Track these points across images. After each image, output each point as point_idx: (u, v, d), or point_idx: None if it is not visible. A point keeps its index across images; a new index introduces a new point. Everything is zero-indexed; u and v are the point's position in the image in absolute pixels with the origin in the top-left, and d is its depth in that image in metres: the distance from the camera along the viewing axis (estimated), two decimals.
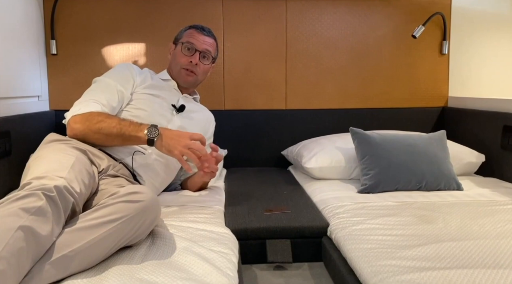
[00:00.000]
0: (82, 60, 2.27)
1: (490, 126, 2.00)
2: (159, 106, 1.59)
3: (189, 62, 1.66)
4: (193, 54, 1.66)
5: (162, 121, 1.56)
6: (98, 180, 1.29)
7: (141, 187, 1.13)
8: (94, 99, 1.47)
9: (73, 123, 1.39)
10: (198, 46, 1.67)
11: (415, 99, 2.43)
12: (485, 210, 1.49)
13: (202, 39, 1.68)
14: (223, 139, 2.28)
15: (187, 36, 1.69)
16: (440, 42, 2.40)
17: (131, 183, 1.38)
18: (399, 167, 1.76)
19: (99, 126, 1.36)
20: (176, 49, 1.71)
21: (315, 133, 2.32)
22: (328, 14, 2.36)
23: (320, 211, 1.57)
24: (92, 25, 2.26)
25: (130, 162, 1.46)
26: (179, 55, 1.68)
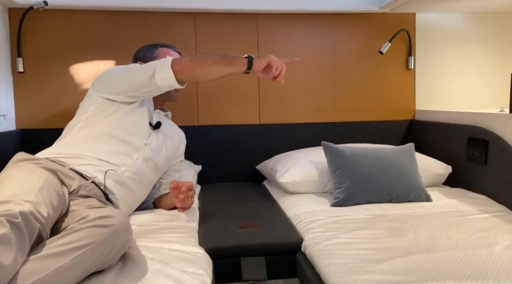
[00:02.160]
0: (50, 78, 2.23)
1: (456, 138, 2.08)
2: (144, 118, 1.58)
3: None
4: None
5: (145, 134, 1.56)
6: (68, 201, 1.26)
7: (111, 210, 1.11)
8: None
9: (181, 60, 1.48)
10: None
11: (383, 112, 2.50)
12: (453, 220, 1.53)
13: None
14: (197, 155, 2.27)
15: (164, 55, 1.68)
16: (406, 58, 2.49)
17: (103, 204, 1.35)
18: (370, 180, 1.80)
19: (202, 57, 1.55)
20: None
21: (289, 146, 2.34)
22: (298, 31, 2.41)
23: (294, 226, 1.58)
24: (60, 42, 2.22)
25: (102, 180, 1.43)
26: None
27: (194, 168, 2.18)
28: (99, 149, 1.47)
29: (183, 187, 1.46)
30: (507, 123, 1.77)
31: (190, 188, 1.49)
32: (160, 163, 1.61)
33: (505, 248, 1.26)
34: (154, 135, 1.59)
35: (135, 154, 1.51)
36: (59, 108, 2.22)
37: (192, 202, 1.56)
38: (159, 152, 1.60)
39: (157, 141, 1.60)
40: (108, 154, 1.47)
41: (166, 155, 1.64)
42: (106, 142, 1.49)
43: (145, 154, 1.53)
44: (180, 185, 1.46)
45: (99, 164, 1.44)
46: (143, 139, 1.55)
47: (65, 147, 1.49)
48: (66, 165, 1.39)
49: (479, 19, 2.51)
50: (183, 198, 1.47)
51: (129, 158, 1.50)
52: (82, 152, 1.45)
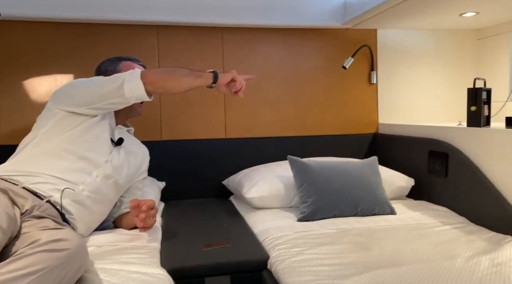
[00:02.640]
0: (8, 92, 2.12)
1: (418, 151, 2.12)
2: (105, 133, 1.51)
3: None
4: None
5: (105, 150, 1.49)
6: (20, 223, 1.18)
7: (66, 232, 1.04)
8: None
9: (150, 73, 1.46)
10: None
11: (348, 126, 2.54)
12: (416, 233, 1.55)
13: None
14: (161, 171, 2.21)
15: (128, 68, 1.60)
16: (369, 73, 2.54)
17: (59, 225, 1.27)
18: (336, 194, 1.80)
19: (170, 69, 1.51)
20: None
21: (256, 161, 2.33)
22: (264, 45, 2.42)
23: (260, 243, 1.55)
24: (20, 55, 2.13)
25: (58, 200, 1.35)
26: None
27: (157, 185, 2.12)
28: (56, 166, 1.40)
29: (143, 206, 1.40)
30: (465, 136, 1.83)
31: (152, 207, 1.43)
32: (121, 181, 1.54)
33: (466, 260, 1.28)
34: (115, 152, 1.53)
35: (95, 171, 1.45)
36: (18, 123, 2.12)
37: (154, 221, 1.50)
38: (120, 170, 1.53)
39: (118, 158, 1.53)
40: (65, 172, 1.40)
41: (128, 172, 1.58)
42: (63, 158, 1.42)
43: (106, 172, 1.47)
44: (141, 204, 1.40)
45: (56, 182, 1.37)
46: (104, 155, 1.49)
47: (18, 164, 1.41)
48: (18, 184, 1.31)
49: (436, 36, 2.61)
50: (144, 218, 1.41)
51: (88, 175, 1.43)
52: (37, 170, 1.37)
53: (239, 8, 2.31)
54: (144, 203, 1.41)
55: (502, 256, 1.30)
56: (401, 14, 2.16)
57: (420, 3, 1.95)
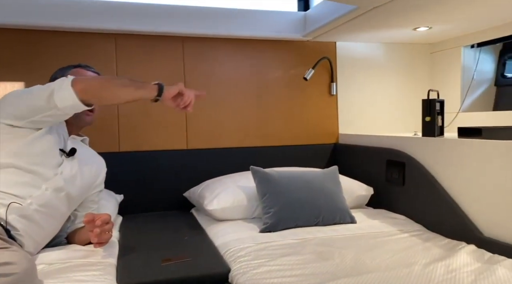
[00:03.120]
0: None
1: (376, 161, 2.18)
2: (52, 146, 1.42)
3: None
4: None
5: (54, 163, 1.41)
6: None
7: (12, 255, 0.97)
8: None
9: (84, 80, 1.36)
10: None
11: (309, 136, 2.57)
12: (376, 242, 1.58)
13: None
14: (119, 184, 2.14)
15: (77, 74, 1.51)
16: (329, 84, 2.59)
17: (5, 243, 1.18)
18: (298, 204, 1.80)
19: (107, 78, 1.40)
20: None
21: (218, 172, 2.30)
22: (225, 55, 2.42)
23: (221, 256, 1.52)
24: None
25: (3, 215, 1.26)
26: None
27: (115, 198, 2.04)
28: (0, 180, 1.31)
29: (98, 220, 1.34)
30: (421, 146, 1.89)
31: (107, 221, 1.37)
32: (74, 194, 1.47)
33: (423, 267, 1.31)
34: (67, 163, 1.45)
35: (44, 184, 1.36)
36: None
37: (110, 236, 1.44)
38: (73, 182, 1.46)
39: (71, 169, 1.46)
40: (10, 185, 1.31)
41: (81, 184, 1.50)
42: (8, 172, 1.33)
43: (56, 184, 1.39)
44: (95, 218, 1.34)
45: (0, 197, 1.28)
46: (52, 169, 1.40)
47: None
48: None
49: (392, 49, 2.71)
50: (98, 232, 1.34)
51: (36, 189, 1.35)
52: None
53: (200, 18, 2.30)
54: (98, 218, 1.34)
55: (456, 262, 1.34)
56: (358, 28, 2.22)
57: (375, 18, 2.01)
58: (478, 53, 2.49)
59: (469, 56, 2.52)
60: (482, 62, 2.50)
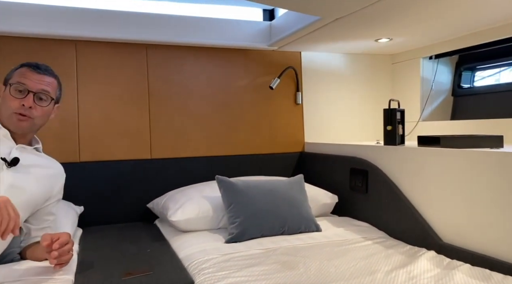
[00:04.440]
0: None
1: (340, 169, 2.21)
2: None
3: (21, 105, 1.39)
4: (26, 96, 1.40)
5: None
6: None
7: None
8: None
9: None
10: (31, 87, 1.41)
11: (275, 145, 2.57)
12: (340, 250, 1.59)
13: (36, 78, 1.43)
14: (78, 195, 2.07)
15: (18, 76, 1.42)
16: (295, 93, 2.62)
17: None
18: (263, 213, 1.80)
19: None
20: (6, 92, 1.42)
21: (183, 182, 2.27)
22: (190, 63, 2.39)
23: (185, 268, 1.48)
24: None
25: None
26: (8, 98, 1.40)
27: (74, 210, 1.96)
28: None
29: (55, 243, 1.27)
30: (382, 154, 1.93)
31: (66, 242, 1.30)
32: (20, 207, 1.33)
33: (385, 274, 1.33)
34: (8, 174, 1.35)
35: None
36: None
37: (70, 257, 1.35)
38: (16, 194, 1.34)
39: (13, 181, 1.35)
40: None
41: (28, 197, 1.40)
42: None
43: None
44: (53, 240, 1.27)
45: None
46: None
47: None
48: None
49: (355, 59, 2.77)
50: (57, 255, 1.27)
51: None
52: None
53: (164, 25, 2.27)
54: (56, 239, 1.27)
55: (417, 268, 1.37)
56: (321, 38, 2.26)
57: (338, 29, 2.05)
58: (436, 64, 2.59)
59: (428, 67, 2.62)
60: (440, 73, 2.60)
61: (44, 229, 1.49)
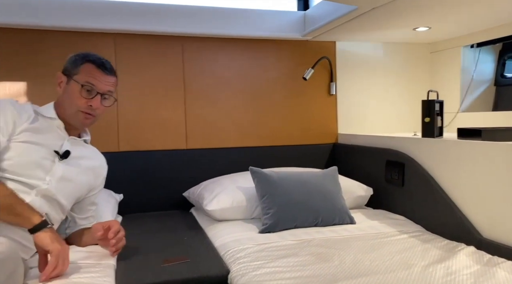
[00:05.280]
0: None
1: (375, 161, 2.17)
2: (37, 155, 1.37)
3: (88, 105, 1.42)
4: (94, 97, 1.42)
5: (39, 172, 1.35)
6: None
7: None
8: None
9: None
10: (99, 88, 1.43)
11: (308, 136, 2.56)
12: (375, 243, 1.58)
13: (104, 80, 1.44)
14: (118, 183, 2.14)
15: (86, 74, 1.42)
16: (328, 84, 2.59)
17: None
18: (296, 204, 1.80)
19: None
20: (72, 88, 1.42)
21: (217, 172, 2.31)
22: (223, 54, 2.41)
23: (221, 257, 1.52)
24: None
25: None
26: (76, 96, 1.41)
27: (114, 198, 2.04)
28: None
29: (110, 233, 1.37)
30: (420, 147, 1.89)
31: (118, 230, 1.40)
32: (66, 197, 1.43)
33: (422, 269, 1.31)
34: (59, 166, 1.40)
35: (34, 190, 1.32)
36: None
37: (124, 242, 1.45)
38: (65, 186, 1.41)
39: (63, 172, 1.41)
40: None
41: (75, 188, 1.46)
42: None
43: (45, 191, 1.35)
44: (103, 228, 1.37)
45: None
46: (38, 179, 1.35)
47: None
48: None
49: (392, 48, 2.70)
50: (115, 243, 1.38)
51: (27, 195, 1.30)
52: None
53: (200, 18, 2.29)
54: (107, 229, 1.37)
55: (455, 264, 1.34)
56: (357, 28, 2.22)
57: (374, 18, 2.01)
58: (478, 53, 2.49)
59: (469, 56, 2.52)
60: (481, 62, 2.50)
61: (87, 219, 1.57)
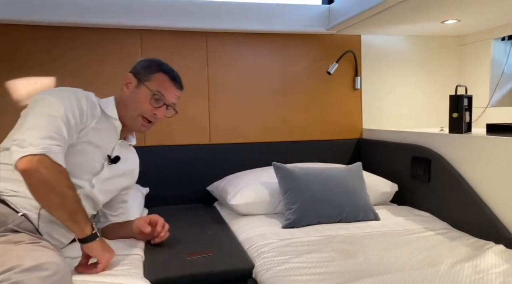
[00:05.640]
0: None
1: (401, 157, 2.14)
2: (93, 158, 1.39)
3: (153, 113, 1.45)
4: (160, 106, 1.45)
5: (88, 175, 1.38)
6: None
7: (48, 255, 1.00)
8: (57, 144, 1.22)
9: (43, 166, 1.16)
10: (167, 100, 1.46)
11: (332, 131, 2.55)
12: (400, 240, 1.56)
13: (173, 93, 1.48)
14: (144, 177, 2.14)
15: (158, 84, 1.44)
16: (353, 78, 2.56)
17: (35, 239, 1.17)
18: (320, 200, 1.80)
19: (65, 191, 1.18)
20: (142, 92, 1.43)
21: (240, 166, 2.32)
22: (247, 49, 2.41)
23: (245, 251, 1.53)
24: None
25: (34, 216, 1.24)
26: (144, 102, 1.43)
27: (141, 191, 2.09)
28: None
29: (158, 227, 1.50)
30: (448, 143, 1.85)
31: (163, 223, 1.52)
32: (103, 198, 1.46)
33: (449, 266, 1.29)
34: (105, 169, 1.43)
35: (77, 191, 1.31)
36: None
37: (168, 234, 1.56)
38: (105, 188, 1.44)
39: (108, 174, 1.44)
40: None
41: (112, 188, 1.50)
42: None
43: (87, 193, 1.38)
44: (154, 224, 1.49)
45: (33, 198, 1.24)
46: (86, 181, 1.38)
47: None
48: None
49: (419, 42, 2.65)
50: (163, 236, 1.51)
51: None
52: (13, 183, 1.24)
53: (223, 13, 2.30)
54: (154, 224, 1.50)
55: (484, 263, 1.31)
56: (383, 21, 2.18)
57: (401, 12, 1.97)
58: (509, 46, 2.41)
59: (499, 49, 2.44)
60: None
61: (118, 215, 1.61)
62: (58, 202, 1.18)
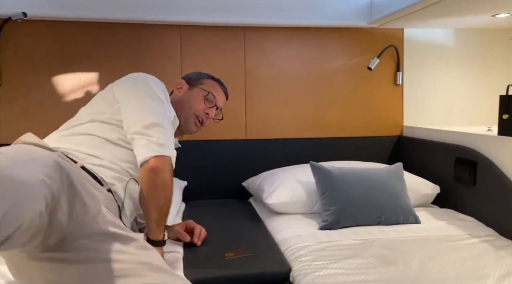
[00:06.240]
0: (29, 91, 2.15)
1: (444, 158, 2.06)
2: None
3: (205, 113, 1.57)
4: (212, 107, 1.58)
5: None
6: None
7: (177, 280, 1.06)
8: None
9: (169, 169, 1.28)
10: (218, 102, 1.62)
11: (371, 128, 2.48)
12: (443, 246, 1.51)
13: (223, 98, 1.66)
14: (182, 171, 2.21)
15: (211, 87, 1.60)
16: (395, 73, 2.47)
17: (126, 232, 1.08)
18: (358, 202, 1.76)
19: (171, 196, 1.30)
20: (196, 92, 1.58)
21: (275, 162, 2.30)
22: (285, 44, 2.38)
23: (282, 253, 1.53)
24: (40, 54, 2.15)
25: (120, 191, 1.23)
26: (198, 100, 1.56)
27: (179, 185, 2.12)
28: (117, 154, 1.26)
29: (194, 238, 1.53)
30: (496, 145, 1.76)
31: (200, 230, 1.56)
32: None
33: (497, 280, 1.24)
34: None
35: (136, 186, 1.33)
36: (39, 121, 2.14)
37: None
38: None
39: None
40: (125, 161, 1.27)
41: None
42: (125, 147, 1.29)
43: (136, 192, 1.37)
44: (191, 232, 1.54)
45: (119, 170, 1.24)
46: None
47: (74, 143, 1.24)
48: (77, 161, 1.16)
49: (465, 35, 2.52)
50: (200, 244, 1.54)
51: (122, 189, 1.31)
52: (99, 151, 1.23)
53: (261, 8, 2.26)
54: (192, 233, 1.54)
55: None
56: (430, 15, 2.08)
57: (450, 5, 1.87)
58: None
59: None
60: None
61: None
62: (162, 204, 1.26)
